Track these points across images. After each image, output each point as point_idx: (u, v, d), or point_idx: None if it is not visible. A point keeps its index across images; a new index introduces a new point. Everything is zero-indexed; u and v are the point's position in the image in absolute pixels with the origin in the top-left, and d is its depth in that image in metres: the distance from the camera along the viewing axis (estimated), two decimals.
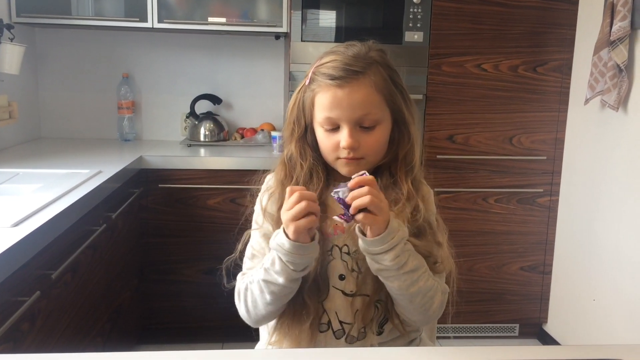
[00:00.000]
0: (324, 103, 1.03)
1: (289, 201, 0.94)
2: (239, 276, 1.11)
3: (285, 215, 0.94)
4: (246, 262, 1.12)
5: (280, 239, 0.96)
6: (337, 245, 1.08)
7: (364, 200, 0.91)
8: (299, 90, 1.10)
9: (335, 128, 1.05)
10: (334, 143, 1.05)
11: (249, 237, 1.13)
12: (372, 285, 1.05)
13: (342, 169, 1.07)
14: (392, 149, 1.09)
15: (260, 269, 1.02)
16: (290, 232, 0.94)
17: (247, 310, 1.07)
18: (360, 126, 1.04)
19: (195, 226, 2.46)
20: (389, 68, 1.07)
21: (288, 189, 0.95)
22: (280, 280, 0.98)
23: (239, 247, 1.12)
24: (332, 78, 1.02)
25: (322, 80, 1.03)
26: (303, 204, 0.92)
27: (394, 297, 1.04)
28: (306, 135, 1.10)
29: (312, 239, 0.97)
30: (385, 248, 0.95)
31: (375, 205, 0.92)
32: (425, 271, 1.02)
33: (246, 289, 1.06)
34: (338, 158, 1.06)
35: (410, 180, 1.08)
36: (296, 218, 0.92)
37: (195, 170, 2.43)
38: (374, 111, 1.03)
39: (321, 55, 1.08)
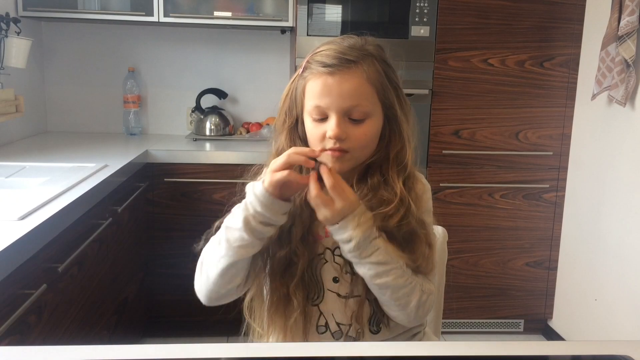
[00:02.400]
0: (314, 90, 1.01)
1: (282, 155, 0.96)
2: (205, 248, 1.07)
3: (272, 164, 0.96)
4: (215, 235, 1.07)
5: (256, 184, 0.97)
6: (329, 248, 1.07)
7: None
8: (293, 80, 1.07)
9: (323, 118, 1.01)
10: (321, 133, 1.01)
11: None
12: (364, 285, 1.03)
13: (328, 162, 1.03)
14: (382, 147, 1.06)
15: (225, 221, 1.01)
16: (265, 181, 0.95)
17: (200, 274, 1.05)
18: (349, 118, 1.00)
19: (200, 220, 2.46)
20: (385, 63, 1.04)
21: (290, 149, 0.97)
22: (239, 223, 0.96)
23: (217, 223, 1.07)
24: (324, 65, 0.99)
25: (314, 68, 1.01)
26: (283, 156, 0.95)
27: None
28: (297, 127, 1.08)
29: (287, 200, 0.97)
30: (339, 239, 0.97)
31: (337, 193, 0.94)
32: (397, 269, 0.99)
33: (207, 247, 1.04)
34: (324, 150, 1.02)
35: (402, 180, 1.04)
36: (276, 170, 0.94)
37: (200, 164, 2.43)
38: (364, 103, 1.00)
39: (317, 46, 1.06)
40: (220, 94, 2.88)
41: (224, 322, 2.51)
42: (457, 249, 2.64)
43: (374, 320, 1.08)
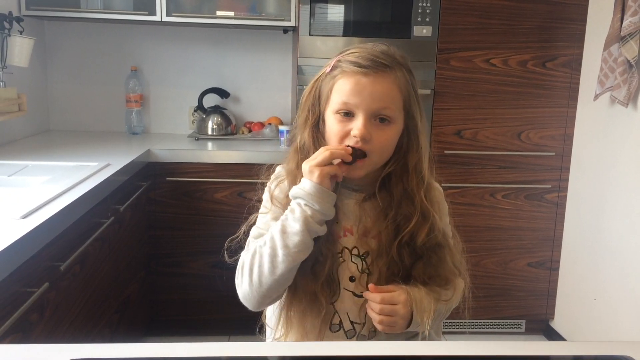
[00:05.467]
0: (345, 88, 1.02)
1: (315, 154, 1.01)
2: (244, 253, 1.08)
3: (310, 162, 1.00)
4: (250, 242, 1.09)
5: (303, 183, 1.00)
6: (347, 248, 1.09)
7: (375, 319, 1.02)
8: (317, 79, 1.09)
9: (348, 115, 1.03)
10: (345, 131, 1.03)
11: (254, 220, 1.12)
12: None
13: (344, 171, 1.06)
14: (400, 157, 1.08)
15: (277, 224, 1.01)
16: (314, 176, 0.99)
17: (251, 283, 1.02)
18: (375, 120, 1.03)
19: (202, 219, 2.47)
20: (412, 75, 1.07)
21: (322, 149, 1.02)
22: (297, 226, 0.98)
23: (243, 228, 1.11)
24: (359, 65, 1.02)
25: (346, 67, 1.03)
26: (327, 152, 0.99)
27: None
28: (318, 125, 1.10)
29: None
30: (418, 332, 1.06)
31: (387, 324, 1.02)
32: (451, 305, 1.13)
33: (254, 255, 1.02)
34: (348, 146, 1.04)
35: (423, 192, 1.07)
36: (321, 164, 0.99)
37: (202, 163, 2.44)
38: (392, 107, 1.03)
39: (346, 48, 1.08)
40: (223, 93, 2.88)
41: (225, 321, 2.52)
42: (463, 249, 2.63)
43: None
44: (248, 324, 1.23)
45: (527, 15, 2.48)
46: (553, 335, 2.75)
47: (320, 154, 1.00)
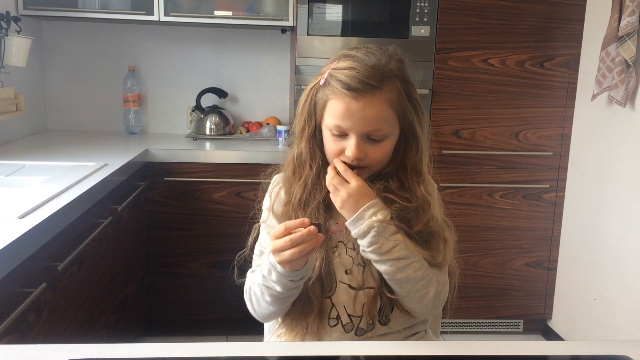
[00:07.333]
0: (336, 111, 1.02)
1: (276, 231, 0.94)
2: (249, 273, 1.12)
3: (272, 245, 0.94)
4: (255, 259, 1.14)
5: (272, 259, 0.97)
6: (342, 242, 1.10)
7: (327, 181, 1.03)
8: (312, 88, 1.07)
9: (342, 135, 1.04)
10: (339, 149, 1.04)
11: (259, 230, 1.14)
12: (377, 277, 1.07)
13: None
14: (397, 158, 1.09)
15: (259, 273, 1.03)
16: (281, 261, 0.95)
17: (253, 309, 1.10)
18: (368, 138, 1.03)
19: (200, 219, 2.47)
20: (406, 82, 1.05)
21: (281, 225, 0.94)
22: (278, 288, 1.00)
23: (250, 241, 1.14)
24: (348, 88, 1.00)
25: (337, 88, 1.01)
26: (287, 241, 0.92)
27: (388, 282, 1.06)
28: (315, 135, 1.09)
29: (306, 263, 0.98)
30: (357, 234, 1.01)
31: (333, 192, 1.02)
32: (416, 262, 1.02)
33: (250, 289, 1.09)
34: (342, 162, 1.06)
35: (422, 187, 1.08)
36: (280, 250, 0.93)
37: (200, 163, 2.43)
38: (384, 127, 1.03)
39: (338, 56, 1.06)
40: (221, 93, 2.88)
41: (223, 321, 2.52)
42: (457, 248, 2.63)
43: (383, 312, 1.10)
44: (246, 324, 1.23)
45: (525, 15, 2.49)
46: (551, 335, 2.75)
47: (280, 236, 0.93)
